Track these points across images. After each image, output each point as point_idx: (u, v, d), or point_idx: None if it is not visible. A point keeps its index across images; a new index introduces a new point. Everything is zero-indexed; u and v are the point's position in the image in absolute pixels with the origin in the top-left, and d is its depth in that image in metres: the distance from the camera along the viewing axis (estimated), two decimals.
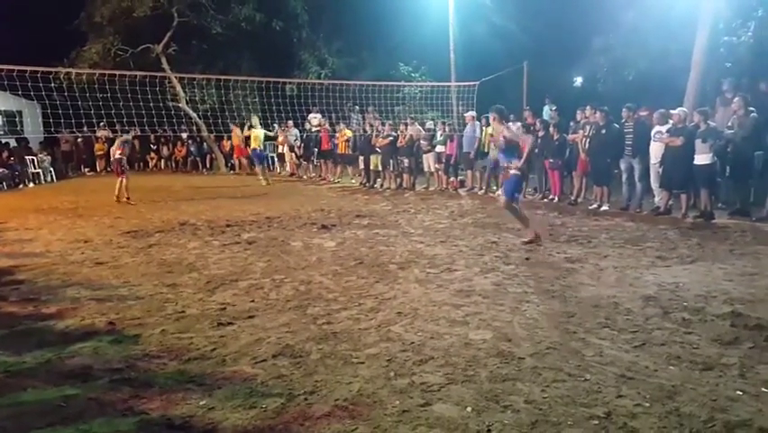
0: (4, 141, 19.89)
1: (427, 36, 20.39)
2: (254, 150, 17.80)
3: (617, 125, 10.60)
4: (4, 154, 17.90)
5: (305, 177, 18.48)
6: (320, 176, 18.08)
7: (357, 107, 18.19)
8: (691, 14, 12.51)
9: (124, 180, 12.53)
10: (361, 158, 15.85)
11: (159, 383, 3.63)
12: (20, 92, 13.27)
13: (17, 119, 22.77)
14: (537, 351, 4.03)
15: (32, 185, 17.75)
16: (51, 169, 19.39)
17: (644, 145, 10.19)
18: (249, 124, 17.97)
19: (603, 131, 10.55)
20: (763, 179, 9.38)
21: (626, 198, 10.58)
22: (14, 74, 11.45)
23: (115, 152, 13.13)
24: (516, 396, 3.37)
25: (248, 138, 18.54)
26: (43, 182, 18.55)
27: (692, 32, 12.24)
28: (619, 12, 16.95)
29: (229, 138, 21.15)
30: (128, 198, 12.44)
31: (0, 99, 20.42)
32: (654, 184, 10.26)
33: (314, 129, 18.53)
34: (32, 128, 21.47)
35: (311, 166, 18.99)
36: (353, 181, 16.39)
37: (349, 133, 16.38)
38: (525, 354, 3.98)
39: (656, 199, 10.24)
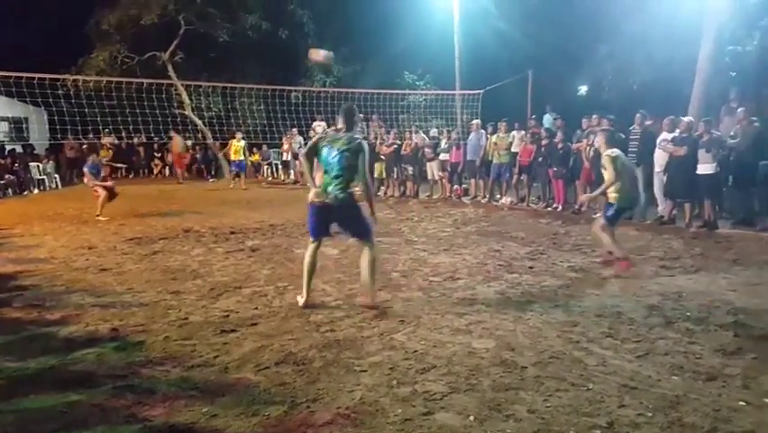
0: (10, 147, 20.03)
1: (432, 44, 20.45)
2: (236, 161, 18.27)
3: (623, 135, 10.59)
4: (8, 160, 18.00)
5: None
6: None
7: (361, 115, 18.26)
8: (696, 23, 12.52)
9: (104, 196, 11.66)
10: None
11: (162, 390, 3.65)
12: (27, 99, 13.36)
13: (24, 126, 22.93)
14: (540, 360, 4.03)
15: (36, 191, 17.83)
16: (56, 175, 19.47)
17: (649, 154, 10.19)
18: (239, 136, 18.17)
19: None
20: (766, 188, 9.36)
21: None
22: (22, 81, 11.56)
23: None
24: (518, 405, 3.37)
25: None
26: (48, 189, 18.64)
27: (697, 41, 12.25)
28: (624, 20, 16.97)
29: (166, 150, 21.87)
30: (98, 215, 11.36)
31: (7, 106, 20.59)
32: (658, 193, 10.25)
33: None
34: (39, 135, 21.64)
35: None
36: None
37: None
38: (527, 363, 3.98)
39: (660, 208, 10.23)
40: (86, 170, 11.70)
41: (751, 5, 14.05)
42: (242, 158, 18.19)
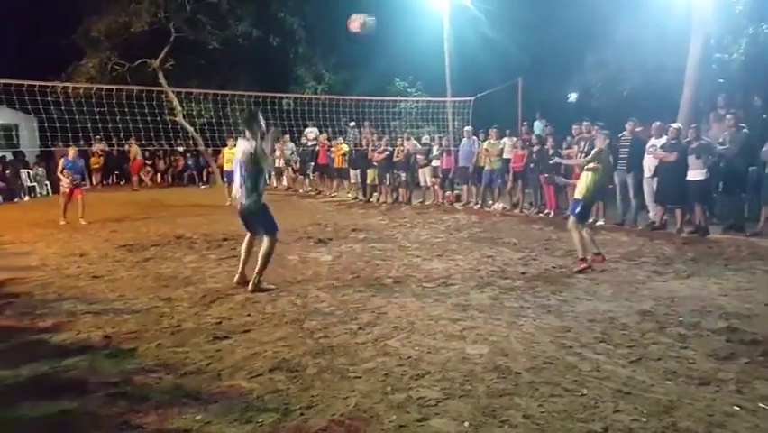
0: (0, 154, 19.88)
1: (423, 52, 20.53)
2: (229, 171, 17.47)
3: (613, 142, 10.65)
4: None
5: (301, 191, 18.51)
6: (316, 190, 18.12)
7: (353, 123, 18.28)
8: (684, 31, 12.63)
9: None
10: (356, 172, 15.88)
11: (154, 398, 3.62)
12: (17, 106, 13.27)
13: (14, 132, 22.75)
14: (534, 366, 4.03)
15: (27, 198, 17.71)
16: (47, 182, 19.35)
17: (639, 160, 10.26)
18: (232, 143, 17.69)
19: None
20: (756, 193, 9.44)
21: (622, 213, 10.62)
22: (12, 88, 11.48)
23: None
24: (513, 411, 3.37)
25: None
26: (38, 196, 18.52)
27: (686, 49, 12.36)
28: (613, 28, 17.10)
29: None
30: (64, 215, 11.67)
31: None
32: (649, 199, 10.31)
33: (310, 143, 18.60)
34: (29, 142, 21.47)
35: (307, 180, 19.03)
36: (349, 195, 16.42)
37: (345, 148, 16.43)
38: (521, 368, 3.98)
39: (651, 214, 10.28)
40: (62, 161, 11.74)
41: (736, 14, 14.20)
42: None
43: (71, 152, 12.03)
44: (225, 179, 17.25)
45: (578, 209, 7.20)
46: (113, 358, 4.30)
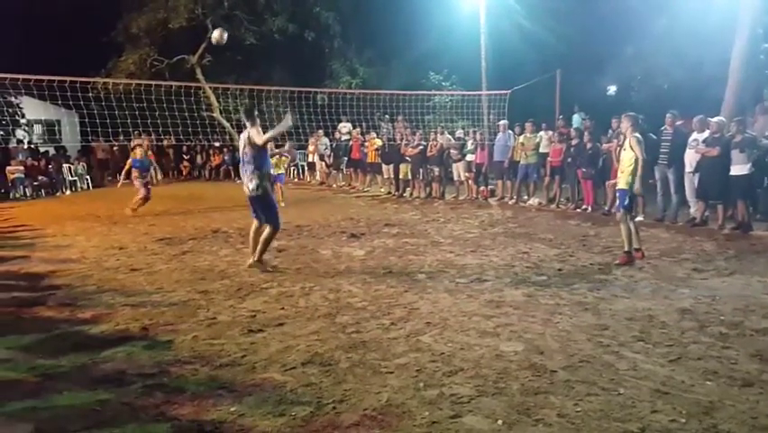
0: (43, 149, 20.48)
1: (458, 45, 20.36)
2: (276, 174, 17.09)
3: (654, 135, 10.41)
4: (41, 162, 18.42)
5: (334, 186, 18.59)
6: (349, 185, 18.17)
7: (387, 116, 18.24)
8: (728, 21, 12.25)
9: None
10: (388, 167, 15.84)
11: (190, 389, 3.68)
12: (59, 102, 13.61)
13: (56, 128, 23.40)
14: (570, 364, 3.96)
15: (68, 192, 18.20)
16: (88, 177, 19.84)
17: (681, 155, 9.99)
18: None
19: None
20: None
21: (662, 209, 10.37)
22: (55, 84, 11.77)
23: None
24: (548, 409, 3.32)
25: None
26: (79, 190, 19.00)
27: (729, 40, 11.99)
28: (653, 20, 16.73)
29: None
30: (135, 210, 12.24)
31: (41, 109, 20.98)
32: (690, 194, 10.04)
33: (343, 138, 18.65)
34: (71, 137, 22.06)
35: (340, 175, 19.08)
36: (382, 190, 16.41)
37: (379, 142, 16.41)
38: (557, 366, 3.92)
39: (692, 210, 10.02)
40: (130, 161, 12.53)
41: None
42: (281, 171, 16.21)
43: (138, 151, 12.88)
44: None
45: (626, 200, 7.14)
46: (150, 349, 4.39)
